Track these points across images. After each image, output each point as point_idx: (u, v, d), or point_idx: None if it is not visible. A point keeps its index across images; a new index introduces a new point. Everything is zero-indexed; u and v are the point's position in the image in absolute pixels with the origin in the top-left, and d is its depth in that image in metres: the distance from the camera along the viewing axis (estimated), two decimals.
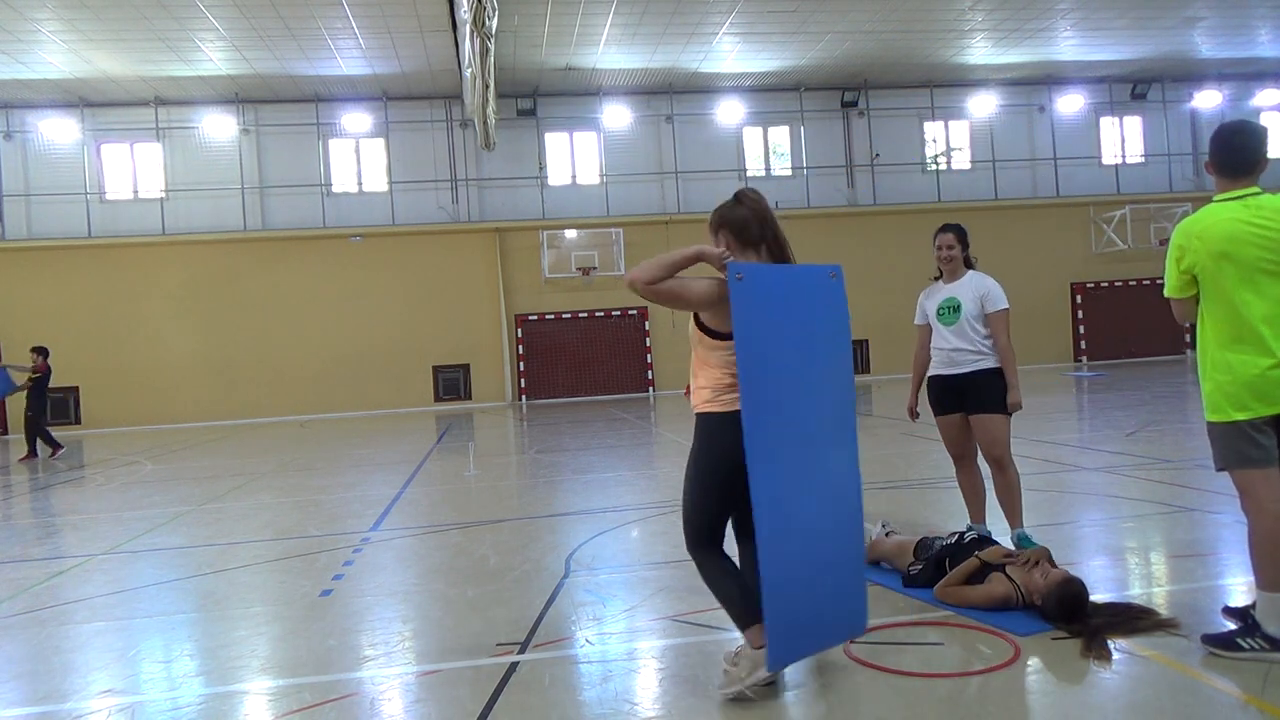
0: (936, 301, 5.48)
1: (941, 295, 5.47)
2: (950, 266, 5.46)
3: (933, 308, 5.51)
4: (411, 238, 23.52)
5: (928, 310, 5.56)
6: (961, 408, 5.39)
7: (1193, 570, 4.90)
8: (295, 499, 9.32)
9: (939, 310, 5.45)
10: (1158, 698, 3.28)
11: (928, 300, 5.58)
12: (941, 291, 5.49)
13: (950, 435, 5.53)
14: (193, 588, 5.81)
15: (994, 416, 5.26)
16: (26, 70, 20.02)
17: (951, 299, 5.39)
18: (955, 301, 5.37)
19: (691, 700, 3.47)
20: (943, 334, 5.42)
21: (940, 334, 5.45)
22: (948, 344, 5.39)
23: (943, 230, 5.52)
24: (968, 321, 5.30)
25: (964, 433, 5.44)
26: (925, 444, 10.19)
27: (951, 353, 5.37)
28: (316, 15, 17.98)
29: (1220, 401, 3.56)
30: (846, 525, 3.51)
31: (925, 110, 25.69)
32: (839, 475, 3.49)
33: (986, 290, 5.32)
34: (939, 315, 5.45)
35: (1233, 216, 3.49)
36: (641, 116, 24.57)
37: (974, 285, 5.36)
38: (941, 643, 3.92)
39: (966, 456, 5.53)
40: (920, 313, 5.62)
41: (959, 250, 5.42)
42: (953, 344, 5.36)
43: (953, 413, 5.44)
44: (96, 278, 22.26)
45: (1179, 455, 8.75)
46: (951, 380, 5.40)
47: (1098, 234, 25.88)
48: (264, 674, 4.11)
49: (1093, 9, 20.42)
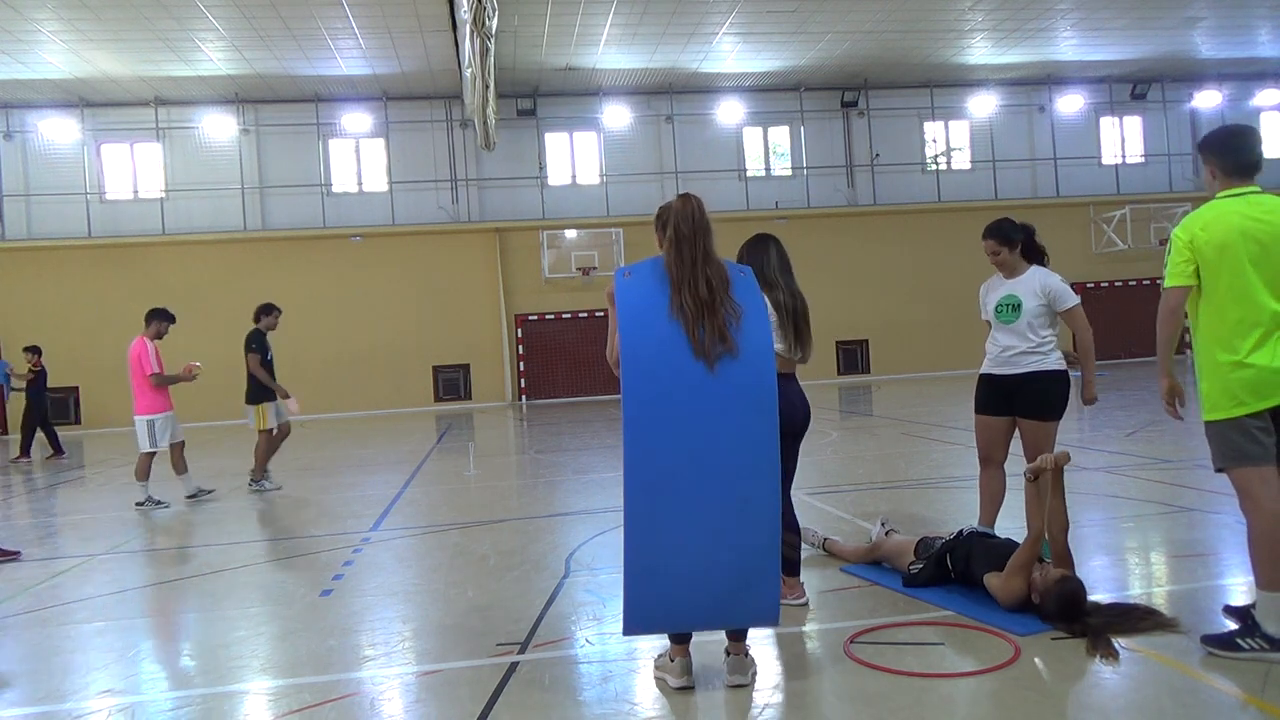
0: (996, 297, 5.20)
1: (1001, 291, 5.19)
2: (1004, 269, 5.21)
3: (992, 304, 5.23)
4: (411, 238, 23.51)
5: (985, 305, 5.29)
6: (1009, 411, 5.14)
7: (1193, 570, 4.91)
8: (295, 499, 9.32)
9: (998, 307, 5.16)
10: (1158, 698, 3.28)
11: (988, 295, 5.30)
12: (1002, 287, 5.21)
13: (989, 437, 5.27)
14: (193, 588, 5.82)
15: (1045, 424, 5.02)
16: (26, 70, 20.01)
17: (1012, 296, 5.11)
18: (1015, 299, 5.09)
19: (692, 700, 3.48)
20: (1000, 331, 5.16)
21: (997, 331, 5.18)
22: (1004, 342, 5.14)
23: (983, 236, 5.25)
24: (1028, 321, 5.03)
25: (1003, 437, 5.21)
26: (926, 444, 10.19)
27: (1006, 352, 5.12)
28: (316, 15, 17.97)
29: (1218, 399, 3.58)
30: (755, 506, 3.35)
31: (925, 110, 25.68)
32: (750, 454, 3.34)
33: (1050, 288, 5.05)
34: (998, 312, 5.16)
35: (1237, 210, 3.57)
36: (641, 116, 24.56)
37: (1037, 282, 5.08)
38: (941, 643, 3.92)
39: (996, 461, 5.30)
40: (983, 308, 5.33)
41: (1005, 253, 5.15)
42: (1009, 343, 5.11)
43: (997, 415, 5.19)
44: (96, 278, 22.23)
45: (1179, 455, 8.74)
46: (1003, 381, 5.13)
47: (1098, 234, 25.87)
48: (264, 674, 4.11)
49: (1093, 9, 20.41)
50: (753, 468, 3.34)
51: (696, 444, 3.30)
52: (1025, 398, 5.06)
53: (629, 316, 3.34)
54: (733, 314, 3.32)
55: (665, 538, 3.31)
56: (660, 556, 3.32)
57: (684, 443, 3.29)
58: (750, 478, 3.34)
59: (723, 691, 3.52)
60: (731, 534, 3.34)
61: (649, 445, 3.28)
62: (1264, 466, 3.50)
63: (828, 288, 23.51)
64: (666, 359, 3.30)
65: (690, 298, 3.32)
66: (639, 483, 3.28)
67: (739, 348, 3.31)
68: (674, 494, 3.29)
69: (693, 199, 3.51)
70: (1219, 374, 3.59)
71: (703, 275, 3.34)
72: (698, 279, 3.34)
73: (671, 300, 3.34)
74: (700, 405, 3.30)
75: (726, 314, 3.32)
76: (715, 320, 3.29)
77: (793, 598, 4.49)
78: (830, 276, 23.85)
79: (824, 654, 3.95)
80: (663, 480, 3.29)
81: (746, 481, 3.34)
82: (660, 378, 3.29)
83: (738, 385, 3.31)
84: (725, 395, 3.31)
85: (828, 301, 23.17)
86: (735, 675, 3.56)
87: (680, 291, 3.35)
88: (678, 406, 3.29)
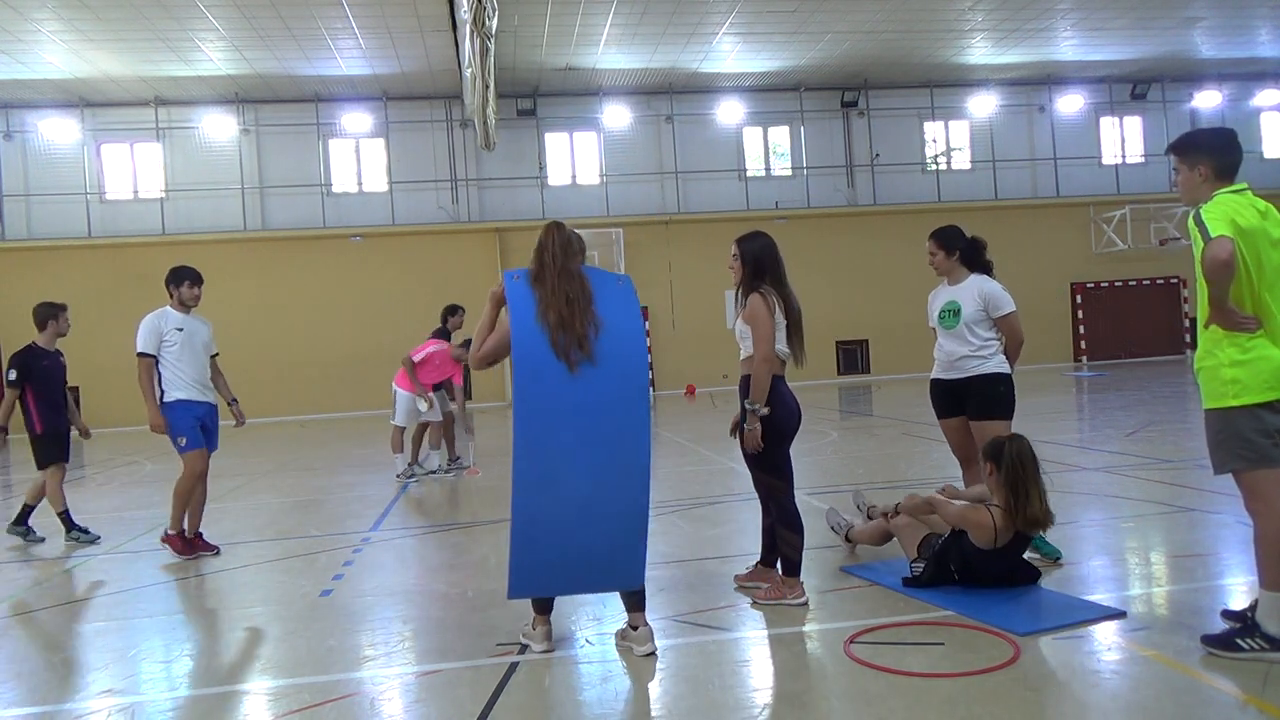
0: (939, 304, 5.43)
1: (944, 298, 5.42)
2: (941, 272, 5.43)
3: (935, 310, 5.46)
4: (411, 238, 23.52)
5: (931, 312, 5.52)
6: (963, 412, 5.34)
7: (1193, 570, 4.90)
8: (295, 499, 9.32)
9: (941, 313, 5.39)
10: (1158, 698, 3.28)
11: (933, 302, 5.53)
12: (944, 294, 5.44)
13: (954, 439, 5.49)
14: (193, 588, 5.82)
15: (995, 424, 5.18)
16: (26, 70, 20.01)
17: (953, 302, 5.33)
18: (956, 305, 5.30)
19: (691, 700, 3.48)
20: (944, 337, 5.37)
21: (941, 337, 5.40)
22: (948, 347, 5.35)
23: (928, 237, 5.50)
24: (967, 325, 5.24)
25: (967, 436, 5.39)
26: (926, 444, 10.19)
27: (951, 357, 5.33)
28: (316, 15, 17.98)
29: (1250, 382, 3.47)
30: (621, 489, 3.79)
31: (925, 110, 25.68)
32: (617, 443, 3.78)
33: (988, 294, 5.23)
34: (940, 319, 5.39)
35: (1249, 204, 3.57)
36: (641, 116, 24.56)
37: (976, 289, 5.29)
38: (942, 643, 3.92)
39: (972, 459, 5.43)
40: (929, 314, 5.56)
41: (942, 256, 5.38)
42: (952, 348, 5.31)
43: (954, 416, 5.40)
44: (96, 278, 22.23)
45: (1179, 455, 8.74)
46: (951, 385, 5.36)
47: (1098, 234, 25.87)
48: (264, 674, 4.12)
49: (1093, 9, 20.41)
50: (625, 459, 3.78)
51: (572, 432, 3.73)
52: (973, 400, 5.26)
53: (519, 317, 3.80)
54: (593, 324, 3.78)
55: (546, 512, 3.74)
56: (542, 527, 3.75)
57: (563, 430, 3.73)
58: (620, 466, 3.78)
59: (723, 691, 3.53)
60: (606, 513, 3.79)
61: (533, 431, 3.71)
62: (1274, 468, 3.48)
63: (828, 288, 23.54)
64: (547, 359, 3.75)
65: (552, 311, 3.78)
66: (524, 465, 3.70)
67: (596, 354, 3.75)
68: (554, 475, 3.73)
69: (559, 230, 3.98)
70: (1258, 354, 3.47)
71: (562, 292, 3.81)
72: (559, 294, 3.81)
73: (538, 309, 3.81)
74: (578, 401, 3.73)
75: (586, 324, 3.77)
76: (573, 332, 3.75)
77: (793, 597, 4.50)
78: (830, 276, 23.86)
79: (824, 654, 3.95)
80: (544, 463, 3.72)
81: (617, 468, 3.78)
82: (543, 374, 3.73)
83: (603, 386, 3.76)
84: (597, 393, 3.75)
85: (828, 301, 23.21)
86: (646, 644, 3.94)
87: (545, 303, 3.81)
88: (558, 399, 3.73)
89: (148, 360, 6.47)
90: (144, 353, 6.47)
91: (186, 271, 6.84)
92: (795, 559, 4.55)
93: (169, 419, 6.46)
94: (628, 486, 3.80)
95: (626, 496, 3.80)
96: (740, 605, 4.61)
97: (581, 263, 3.97)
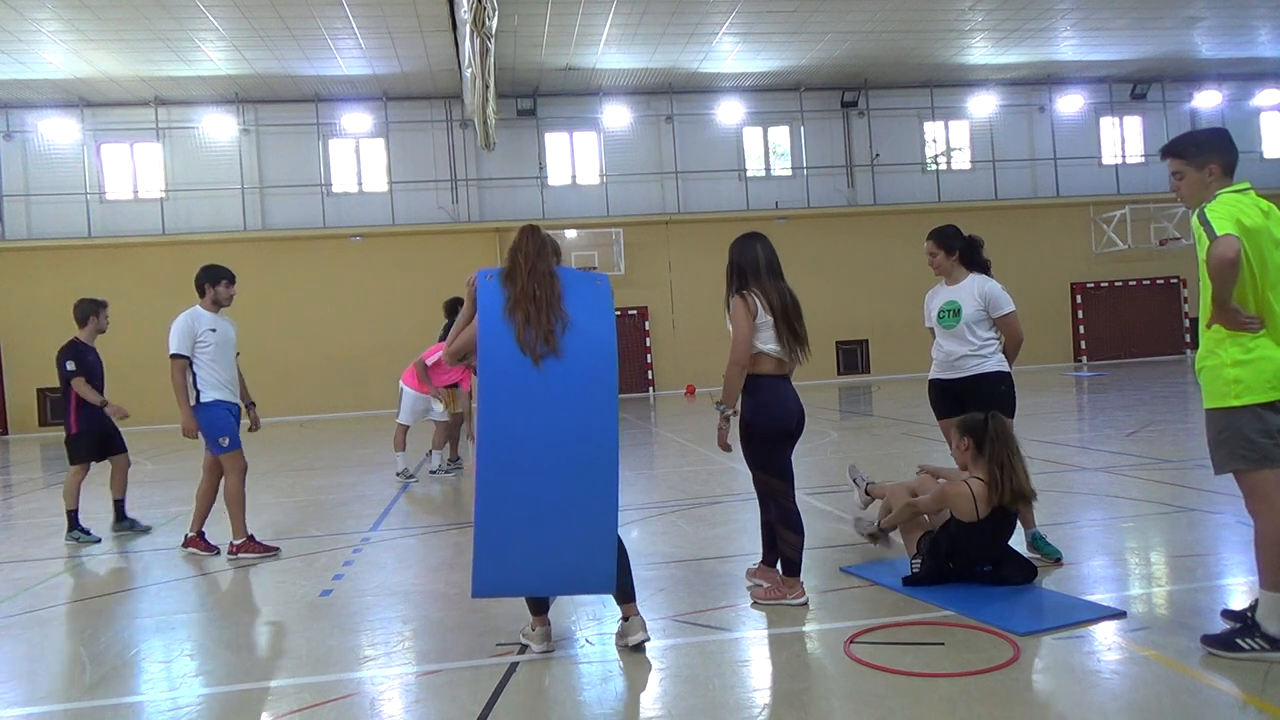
0: (938, 304, 5.42)
1: (942, 298, 5.41)
2: (940, 272, 5.43)
3: (934, 310, 5.45)
4: (411, 238, 23.51)
5: (929, 312, 5.51)
6: (963, 411, 5.29)
7: (1193, 570, 4.90)
8: (295, 499, 9.32)
9: (940, 313, 5.38)
10: (1158, 698, 3.28)
11: (930, 302, 5.53)
12: (942, 294, 5.43)
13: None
14: (193, 588, 5.82)
15: None
16: (26, 70, 20.01)
17: (952, 302, 5.32)
18: (956, 305, 5.29)
19: (692, 700, 3.48)
20: (943, 337, 5.37)
21: (941, 337, 5.39)
22: (947, 347, 5.34)
23: (925, 238, 5.50)
24: (967, 325, 5.23)
25: None
26: (926, 444, 10.19)
27: (950, 357, 5.32)
28: (316, 15, 17.98)
29: (1252, 382, 3.47)
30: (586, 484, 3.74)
31: (925, 110, 25.68)
32: (584, 439, 3.75)
33: (988, 293, 5.23)
34: (940, 318, 5.38)
35: (1253, 203, 3.57)
36: (641, 116, 24.56)
37: (975, 288, 5.28)
38: (941, 643, 3.92)
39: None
40: (926, 314, 5.56)
41: (942, 256, 5.37)
42: (951, 348, 5.30)
43: (953, 416, 5.35)
44: (96, 278, 22.17)
45: (1179, 455, 8.75)
46: (950, 385, 5.35)
47: (1098, 234, 25.87)
48: (264, 674, 4.12)
49: (1093, 9, 20.41)
50: (590, 458, 3.74)
51: (538, 432, 3.72)
52: (974, 400, 5.22)
53: (487, 315, 3.81)
54: (560, 320, 3.81)
55: (510, 509, 3.70)
56: (505, 525, 3.70)
57: (529, 429, 3.71)
58: (586, 460, 3.74)
59: (723, 692, 3.53)
60: (571, 512, 3.73)
61: (498, 429, 3.70)
62: (1276, 468, 3.47)
63: (827, 288, 23.55)
64: (512, 354, 3.76)
65: (519, 309, 3.81)
66: (488, 460, 3.68)
67: (563, 349, 3.76)
68: (519, 474, 3.70)
69: (534, 233, 4.03)
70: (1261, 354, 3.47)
71: (530, 289, 3.84)
72: (527, 292, 3.84)
73: (505, 306, 3.83)
74: (542, 396, 3.74)
75: (553, 319, 3.80)
76: (539, 327, 3.77)
77: (793, 597, 4.51)
78: (830, 276, 23.87)
79: (824, 654, 3.95)
80: (509, 461, 3.69)
81: (584, 469, 3.74)
82: (509, 372, 3.74)
83: (567, 383, 3.76)
84: (561, 390, 3.75)
85: (827, 301, 23.21)
86: (638, 634, 3.97)
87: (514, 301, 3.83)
88: (526, 397, 3.73)
89: (181, 361, 6.42)
90: (178, 354, 6.41)
91: (223, 271, 6.69)
92: (795, 559, 4.55)
93: (208, 419, 6.38)
94: (594, 481, 3.74)
95: (592, 491, 3.74)
96: (740, 605, 4.61)
97: (556, 264, 4.00)
